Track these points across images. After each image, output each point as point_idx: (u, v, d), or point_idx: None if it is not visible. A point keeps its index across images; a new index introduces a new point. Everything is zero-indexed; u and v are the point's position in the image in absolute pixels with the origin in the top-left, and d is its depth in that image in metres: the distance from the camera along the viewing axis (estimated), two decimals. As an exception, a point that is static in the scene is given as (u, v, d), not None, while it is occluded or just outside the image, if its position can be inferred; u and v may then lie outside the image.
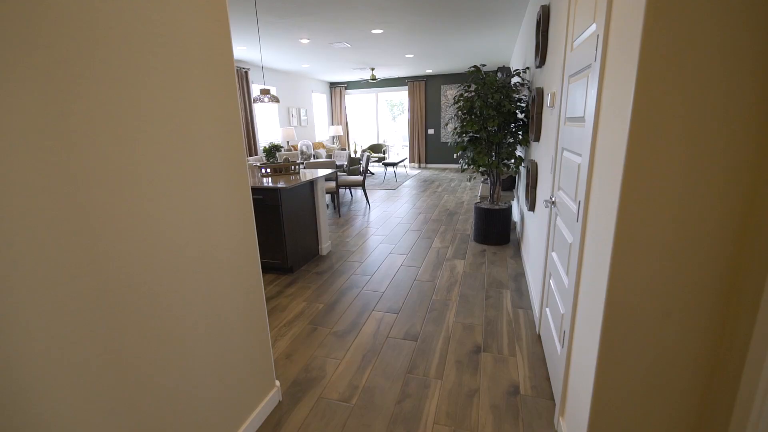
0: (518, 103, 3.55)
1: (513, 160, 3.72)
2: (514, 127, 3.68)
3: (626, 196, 0.99)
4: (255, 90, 7.68)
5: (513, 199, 4.74)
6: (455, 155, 4.14)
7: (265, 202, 3.18)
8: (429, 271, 3.33)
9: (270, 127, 8.28)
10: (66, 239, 0.85)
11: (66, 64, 0.84)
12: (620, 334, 1.09)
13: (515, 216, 4.75)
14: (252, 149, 7.39)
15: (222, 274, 1.37)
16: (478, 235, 4.03)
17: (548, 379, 1.91)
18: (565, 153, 1.76)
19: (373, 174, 9.55)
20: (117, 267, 0.98)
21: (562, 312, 1.66)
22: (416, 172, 9.80)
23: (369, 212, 5.57)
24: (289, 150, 8.44)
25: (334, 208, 5.85)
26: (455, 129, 3.96)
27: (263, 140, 7.99)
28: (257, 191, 3.18)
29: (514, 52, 6.37)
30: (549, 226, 2.09)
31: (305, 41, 5.48)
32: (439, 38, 5.63)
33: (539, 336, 2.28)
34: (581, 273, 1.37)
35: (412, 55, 7.02)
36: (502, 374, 1.96)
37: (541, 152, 2.67)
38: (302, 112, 9.42)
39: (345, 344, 2.27)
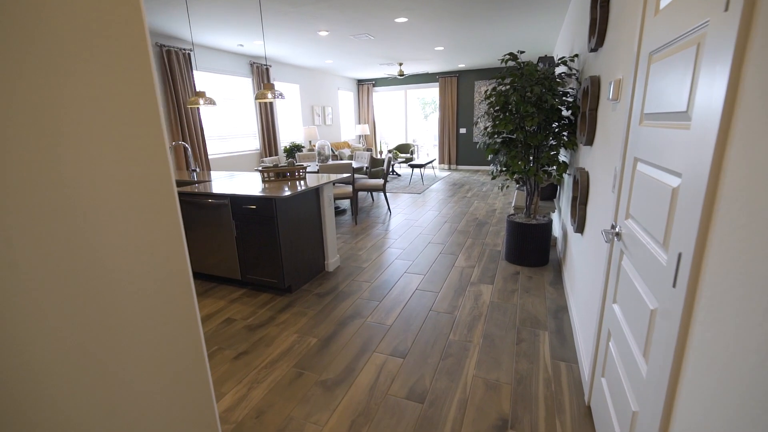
0: (563, 98, 2.93)
1: (555, 167, 3.09)
2: (558, 126, 3.06)
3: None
4: (278, 87, 7.41)
5: (553, 211, 4.07)
6: (488, 158, 3.56)
7: (259, 213, 2.78)
8: (449, 299, 2.80)
9: (294, 126, 7.99)
10: None
11: None
12: None
13: (556, 231, 4.08)
14: (272, 149, 7.12)
15: (118, 317, 0.93)
16: (511, 253, 3.43)
17: (605, 488, 1.34)
18: (643, 167, 1.18)
19: (399, 176, 9.06)
20: None
21: (633, 410, 1.09)
22: (446, 174, 9.19)
23: (389, 219, 5.08)
24: (311, 150, 8.12)
25: (352, 215, 5.41)
26: (486, 129, 3.39)
27: (285, 140, 7.71)
28: (249, 200, 2.79)
29: (558, 41, 5.64)
30: (608, 266, 1.51)
31: (324, 33, 5.08)
32: (470, 28, 5.03)
33: (589, 408, 1.70)
34: (683, 368, 0.82)
35: (442, 48, 6.45)
36: (537, 471, 1.42)
37: (594, 159, 2.07)
38: (327, 110, 9.08)
39: (332, 401, 1.80)
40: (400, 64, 8.19)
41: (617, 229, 1.40)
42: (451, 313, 2.58)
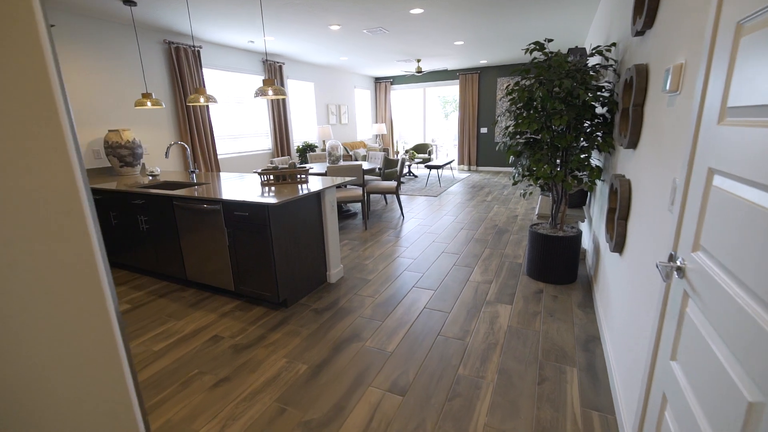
0: (598, 92, 2.54)
1: (587, 172, 2.71)
2: (590, 126, 2.67)
3: None
4: (292, 85, 7.22)
5: (582, 220, 3.66)
6: (508, 160, 3.21)
7: (252, 221, 2.53)
8: (460, 321, 2.47)
9: (309, 125, 7.78)
10: None
11: None
12: None
13: (585, 242, 3.67)
14: (285, 149, 6.93)
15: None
16: (533, 268, 3.06)
17: None
18: (725, 182, 0.84)
19: (416, 177, 8.72)
20: None
21: None
22: (465, 175, 8.78)
23: (401, 225, 4.77)
24: (324, 150, 7.91)
25: (363, 219, 5.13)
26: (506, 128, 3.03)
27: (298, 139, 7.52)
28: (241, 207, 2.54)
29: (590, 30, 5.17)
30: (663, 309, 1.15)
31: (336, 27, 4.81)
32: (492, 19, 4.64)
33: (631, 482, 1.35)
34: None
35: (462, 42, 6.07)
36: None
37: (640, 166, 1.70)
38: (343, 109, 8.84)
39: (314, 451, 1.52)
40: (418, 61, 7.84)
41: (679, 263, 1.05)
42: (463, 340, 2.26)
